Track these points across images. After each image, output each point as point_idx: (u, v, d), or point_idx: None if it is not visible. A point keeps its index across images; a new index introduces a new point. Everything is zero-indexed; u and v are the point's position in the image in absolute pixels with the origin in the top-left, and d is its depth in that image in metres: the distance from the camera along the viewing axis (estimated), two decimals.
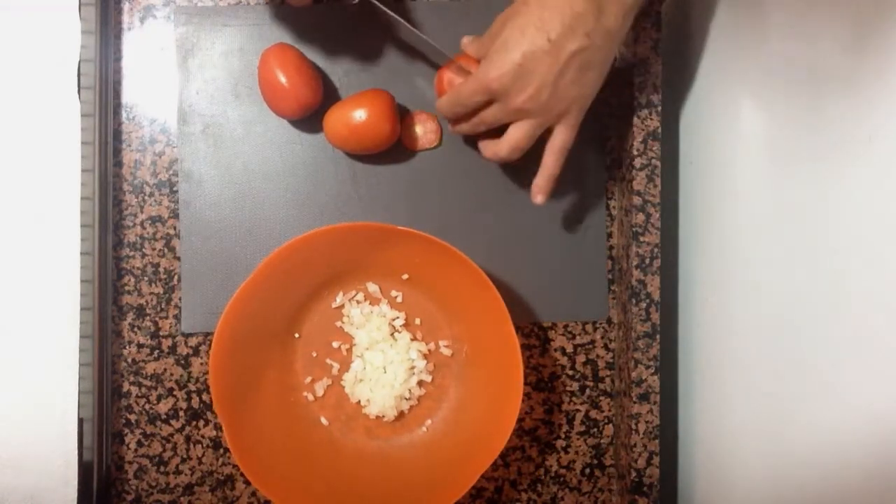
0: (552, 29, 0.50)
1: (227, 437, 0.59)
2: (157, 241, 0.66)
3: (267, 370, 0.63)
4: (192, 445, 0.67)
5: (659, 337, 0.62)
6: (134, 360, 0.66)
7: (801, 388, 0.49)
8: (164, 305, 0.66)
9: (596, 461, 0.68)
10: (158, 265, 0.66)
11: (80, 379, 0.62)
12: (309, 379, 0.65)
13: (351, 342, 0.65)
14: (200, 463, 0.67)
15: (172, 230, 0.66)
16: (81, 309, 0.62)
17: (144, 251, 0.66)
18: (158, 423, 0.66)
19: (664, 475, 0.65)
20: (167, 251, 0.66)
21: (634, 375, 0.62)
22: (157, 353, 0.66)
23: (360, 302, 0.65)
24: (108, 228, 0.65)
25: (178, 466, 0.67)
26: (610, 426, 0.68)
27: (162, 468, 0.66)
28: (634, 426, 0.62)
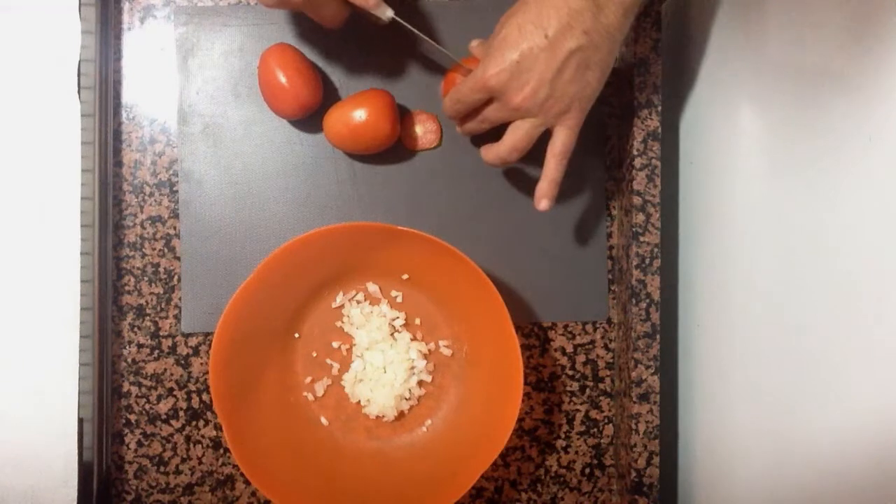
0: (550, 26, 0.50)
1: (227, 437, 0.59)
2: (157, 241, 0.66)
3: (267, 370, 0.63)
4: (192, 445, 0.67)
5: (659, 337, 0.62)
6: (134, 360, 0.66)
7: (801, 387, 0.49)
8: (164, 305, 0.66)
9: (596, 461, 0.68)
10: (158, 265, 0.66)
11: (80, 379, 0.62)
12: (309, 379, 0.65)
13: (351, 342, 0.65)
14: (200, 463, 0.67)
15: (172, 230, 0.66)
16: (81, 309, 0.62)
17: (144, 251, 0.66)
18: (158, 423, 0.66)
19: (664, 475, 0.65)
20: (167, 251, 0.66)
21: (634, 375, 0.62)
22: (157, 353, 0.66)
23: (360, 302, 0.65)
24: (108, 228, 0.65)
25: (178, 466, 0.67)
26: (610, 426, 0.68)
27: (162, 468, 0.66)
28: (634, 426, 0.62)
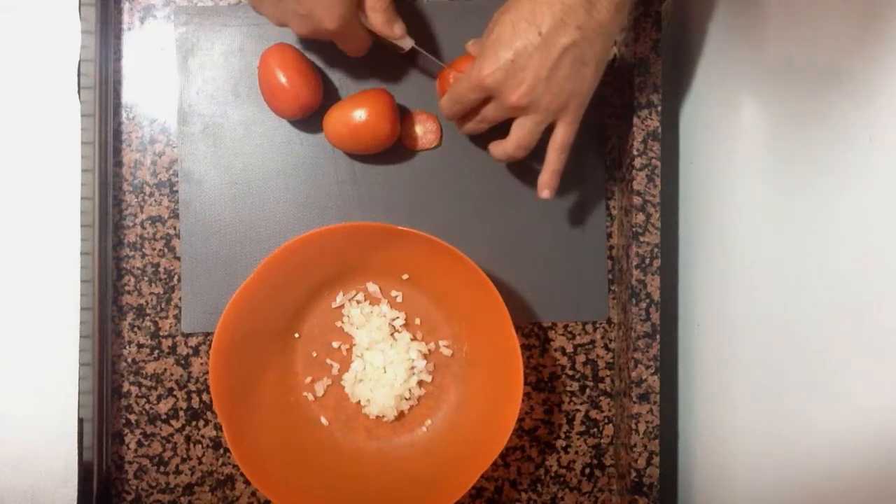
0: (543, 23, 0.50)
1: (227, 437, 0.59)
2: (157, 241, 0.66)
3: (267, 370, 0.63)
4: (192, 445, 0.67)
5: (659, 337, 0.62)
6: (134, 360, 0.66)
7: (801, 387, 0.49)
8: (164, 305, 0.66)
9: (596, 461, 0.68)
10: (158, 265, 0.66)
11: (80, 379, 0.62)
12: (309, 379, 0.65)
13: (351, 342, 0.65)
14: (200, 463, 0.67)
15: (172, 230, 0.66)
16: (81, 309, 0.62)
17: (144, 251, 0.66)
18: (158, 423, 0.66)
19: (664, 475, 0.65)
20: (167, 251, 0.66)
21: (634, 375, 0.62)
22: (157, 353, 0.66)
23: (360, 302, 0.65)
24: (108, 228, 0.65)
25: (178, 466, 0.67)
26: (610, 426, 0.68)
27: (162, 468, 0.66)
28: (634, 426, 0.62)
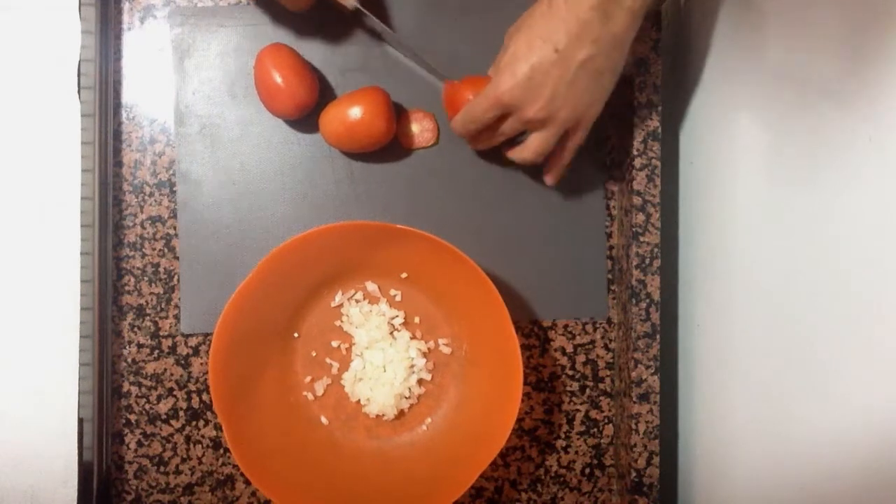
0: (559, 40, 0.50)
1: (227, 437, 0.59)
2: (156, 241, 0.66)
3: (267, 370, 0.63)
4: (192, 445, 0.67)
5: (659, 337, 0.62)
6: (134, 360, 0.66)
7: (801, 387, 0.49)
8: (164, 305, 0.66)
9: (596, 461, 0.68)
10: (158, 265, 0.66)
11: (80, 379, 0.62)
12: (309, 378, 0.65)
13: (350, 341, 0.65)
14: (200, 463, 0.67)
15: (172, 230, 0.66)
16: (81, 309, 0.62)
17: (144, 251, 0.66)
18: (158, 423, 0.66)
19: (664, 475, 0.65)
20: (167, 251, 0.66)
21: (634, 375, 0.62)
22: (157, 353, 0.66)
23: (359, 301, 0.65)
24: (108, 228, 0.65)
25: (178, 466, 0.67)
26: (610, 426, 0.68)
27: (162, 468, 0.67)
28: (634, 426, 0.62)
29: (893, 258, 0.40)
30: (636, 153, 0.61)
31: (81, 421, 0.62)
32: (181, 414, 0.67)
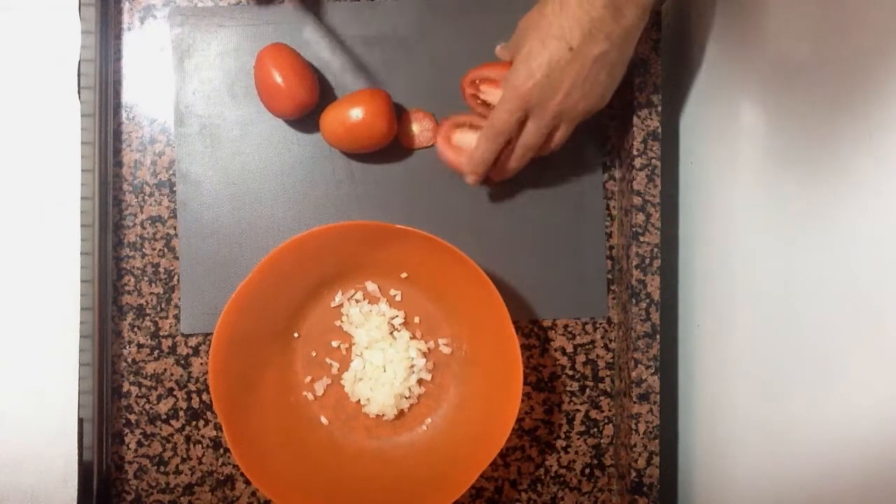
0: (573, 38, 0.51)
1: (227, 437, 0.59)
2: (156, 241, 0.66)
3: (267, 370, 0.63)
4: (192, 445, 0.67)
5: (659, 337, 0.62)
6: (134, 360, 0.66)
7: (801, 387, 0.49)
8: (164, 305, 0.66)
9: (596, 461, 0.68)
10: (158, 265, 0.66)
11: (80, 379, 0.62)
12: (309, 378, 0.65)
13: (350, 341, 0.65)
14: (200, 463, 0.67)
15: (172, 230, 0.66)
16: (81, 309, 0.62)
17: (144, 251, 0.66)
18: (158, 423, 0.66)
19: (664, 475, 0.65)
20: (167, 251, 0.66)
21: (634, 375, 0.62)
22: (157, 353, 0.66)
23: (359, 301, 0.65)
24: (108, 228, 0.65)
25: (178, 466, 0.67)
26: (610, 426, 0.68)
27: (162, 468, 0.67)
28: (634, 426, 0.62)
29: (894, 257, 0.40)
30: (636, 153, 0.61)
31: (81, 421, 0.62)
32: (181, 414, 0.67)
